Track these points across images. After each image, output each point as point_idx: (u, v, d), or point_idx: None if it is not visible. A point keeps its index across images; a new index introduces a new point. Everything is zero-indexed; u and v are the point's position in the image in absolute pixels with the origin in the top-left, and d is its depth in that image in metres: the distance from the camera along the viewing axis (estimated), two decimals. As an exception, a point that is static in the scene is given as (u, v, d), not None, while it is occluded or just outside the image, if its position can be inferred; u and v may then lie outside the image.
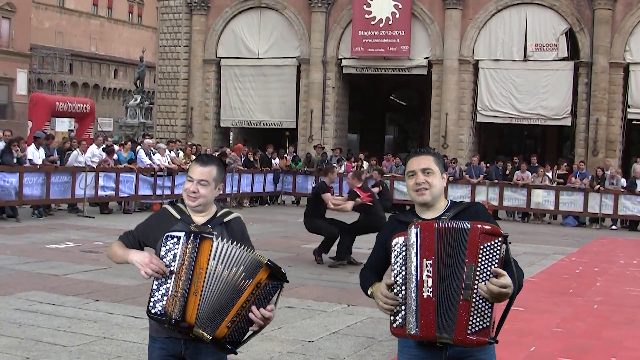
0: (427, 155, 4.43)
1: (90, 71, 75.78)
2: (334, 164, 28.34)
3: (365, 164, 30.86)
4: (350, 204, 15.26)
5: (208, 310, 4.30)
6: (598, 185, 27.21)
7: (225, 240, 4.36)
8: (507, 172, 29.23)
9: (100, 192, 23.58)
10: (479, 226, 4.05)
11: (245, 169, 29.64)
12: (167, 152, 26.87)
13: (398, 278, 4.16)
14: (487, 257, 4.01)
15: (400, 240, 4.18)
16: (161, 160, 25.73)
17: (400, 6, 37.11)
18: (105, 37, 78.02)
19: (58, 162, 23.22)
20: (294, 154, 33.65)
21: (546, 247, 20.09)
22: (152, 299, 4.41)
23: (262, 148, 33.50)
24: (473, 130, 37.62)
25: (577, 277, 15.39)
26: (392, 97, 50.13)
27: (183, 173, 25.50)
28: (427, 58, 37.68)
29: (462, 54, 37.01)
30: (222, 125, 42.30)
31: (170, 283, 4.36)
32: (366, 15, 37.59)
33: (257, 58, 40.45)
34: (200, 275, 4.29)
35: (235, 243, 4.37)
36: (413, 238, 4.11)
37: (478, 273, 4.00)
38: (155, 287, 4.42)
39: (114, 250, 4.74)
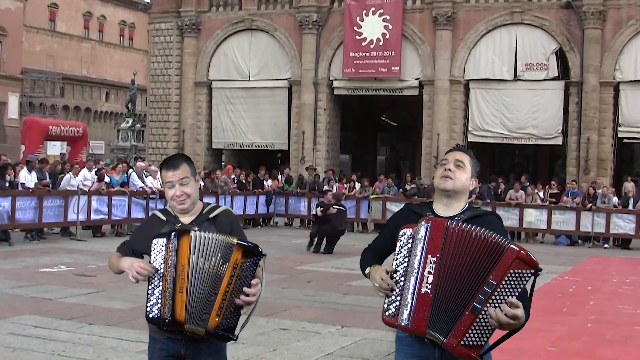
0: (465, 154, 4.54)
1: (82, 94, 75.57)
2: (326, 186, 29.89)
3: (358, 185, 30.82)
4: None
5: (196, 305, 4.33)
6: (590, 204, 27.00)
7: (202, 232, 4.39)
8: (500, 191, 28.97)
9: (93, 216, 23.47)
10: (517, 249, 3.99)
11: (238, 190, 29.55)
12: (159, 174, 26.00)
13: (399, 268, 4.20)
14: (511, 283, 3.97)
15: (408, 231, 4.22)
16: (153, 183, 25.52)
17: (391, 27, 37.15)
18: (97, 60, 77.77)
19: (50, 185, 23.12)
20: (288, 175, 33.38)
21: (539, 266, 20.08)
22: (148, 304, 4.45)
23: (254, 170, 33.32)
24: None
25: (571, 295, 15.37)
26: (383, 118, 49.96)
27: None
28: (417, 79, 37.59)
29: (452, 74, 36.86)
30: (214, 147, 42.10)
31: (161, 285, 4.39)
32: (357, 37, 37.63)
33: (249, 80, 40.35)
34: (183, 272, 4.33)
35: (210, 232, 4.40)
36: (422, 232, 4.13)
37: (496, 294, 3.97)
38: (149, 291, 4.46)
39: (112, 261, 4.75)
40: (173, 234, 4.39)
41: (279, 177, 32.72)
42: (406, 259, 4.18)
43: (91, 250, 20.10)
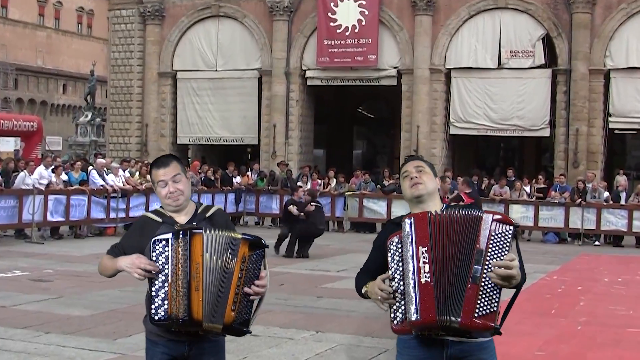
0: (419, 160, 5.02)
1: (37, 86, 75.44)
2: (301, 181, 30.47)
3: (334, 181, 30.91)
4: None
5: (212, 302, 4.64)
6: (579, 199, 27.07)
7: (211, 231, 4.68)
8: (483, 186, 29.02)
9: (50, 217, 23.21)
10: (491, 213, 4.50)
11: (205, 188, 29.41)
12: (121, 172, 26.51)
13: (396, 274, 4.54)
14: (497, 243, 4.44)
15: (395, 238, 4.58)
16: (115, 180, 25.39)
17: (367, 13, 37.00)
18: (53, 49, 77.56)
19: (3, 184, 22.77)
20: (260, 171, 33.48)
21: (526, 266, 18.98)
22: (153, 306, 4.69)
23: (222, 166, 33.33)
24: (446, 143, 37.50)
25: (560, 296, 15.44)
26: (360, 110, 50.02)
27: (139, 195, 25.90)
28: (396, 67, 37.57)
29: (433, 62, 36.76)
30: (179, 142, 41.85)
31: (167, 286, 4.65)
32: (331, 24, 37.53)
33: (216, 70, 40.22)
34: (198, 270, 4.62)
35: (218, 230, 4.71)
36: (407, 229, 4.50)
37: (488, 258, 4.41)
38: (153, 293, 4.70)
39: (104, 263, 4.97)
40: (182, 233, 4.66)
41: (249, 173, 32.71)
42: (400, 263, 4.52)
43: (48, 254, 19.91)
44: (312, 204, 21.53)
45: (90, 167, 26.12)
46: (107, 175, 25.55)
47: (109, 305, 12.54)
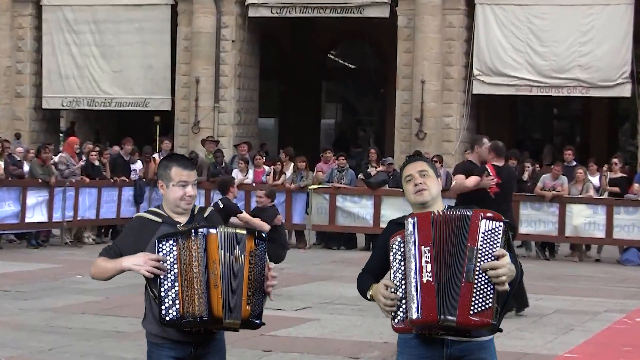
0: (421, 161, 6.69)
1: None
2: (237, 168, 31.08)
3: (290, 168, 30.51)
4: (267, 226, 19.56)
5: (230, 298, 6.18)
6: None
7: (221, 228, 6.29)
8: (526, 176, 28.94)
9: None
10: (481, 213, 6.00)
11: (87, 179, 28.73)
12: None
13: (397, 274, 6.05)
14: (488, 240, 5.91)
15: (398, 237, 6.09)
16: None
17: None
18: None
19: None
20: (171, 152, 30.16)
21: (593, 301, 20.13)
22: (163, 307, 6.16)
23: (115, 144, 34.38)
24: (467, 108, 36.47)
25: None
26: (332, 57, 50.19)
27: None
28: (389, -10, 35.51)
29: (447, -20, 34.82)
30: (46, 106, 40.28)
31: (177, 285, 6.19)
32: None
33: (104, -7, 38.20)
34: (216, 268, 6.16)
35: (224, 227, 6.35)
36: (410, 228, 6.00)
37: (480, 255, 5.86)
38: (162, 293, 6.18)
39: (102, 265, 6.51)
40: (194, 231, 6.20)
41: (156, 156, 31.69)
42: (402, 262, 6.01)
43: None
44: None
45: None
46: None
47: None
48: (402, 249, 6.01)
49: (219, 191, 22.40)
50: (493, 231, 5.89)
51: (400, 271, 6.00)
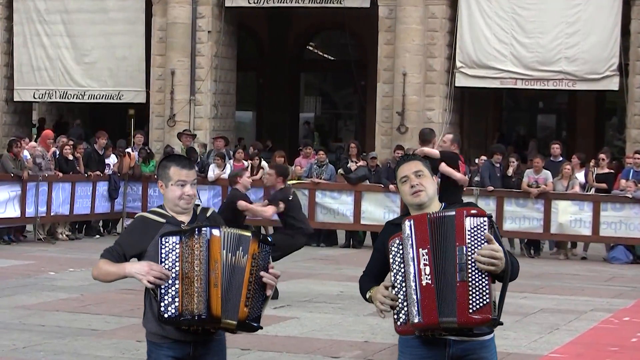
0: (415, 160, 6.85)
1: None
2: (213, 163, 31.14)
3: (265, 165, 30.43)
4: (271, 209, 19.61)
5: (228, 298, 6.40)
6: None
7: (225, 229, 6.51)
8: (510, 171, 28.90)
9: None
10: (464, 211, 6.24)
11: (60, 174, 28.70)
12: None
13: (397, 276, 6.25)
14: (474, 237, 6.16)
15: (397, 240, 6.30)
16: None
17: None
18: None
19: None
20: (145, 148, 32.61)
21: (579, 300, 20.39)
22: (162, 304, 6.38)
23: (88, 139, 35.27)
24: (450, 101, 36.59)
25: (633, 350, 15.48)
26: (310, 48, 50.40)
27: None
28: (369, -23, 35.72)
29: (429, -31, 34.79)
30: (17, 99, 40.71)
31: (178, 283, 6.38)
32: None
33: (75, -18, 38.02)
34: (217, 267, 6.40)
35: (229, 228, 6.57)
36: (407, 231, 6.22)
37: (469, 253, 6.12)
38: (162, 290, 6.40)
39: (104, 268, 6.68)
40: (197, 230, 6.42)
41: (130, 150, 32.21)
42: (401, 265, 6.22)
43: None
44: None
45: None
46: None
47: None
48: (400, 252, 6.23)
49: (229, 185, 22.95)
50: (479, 227, 6.12)
51: (400, 274, 6.21)
